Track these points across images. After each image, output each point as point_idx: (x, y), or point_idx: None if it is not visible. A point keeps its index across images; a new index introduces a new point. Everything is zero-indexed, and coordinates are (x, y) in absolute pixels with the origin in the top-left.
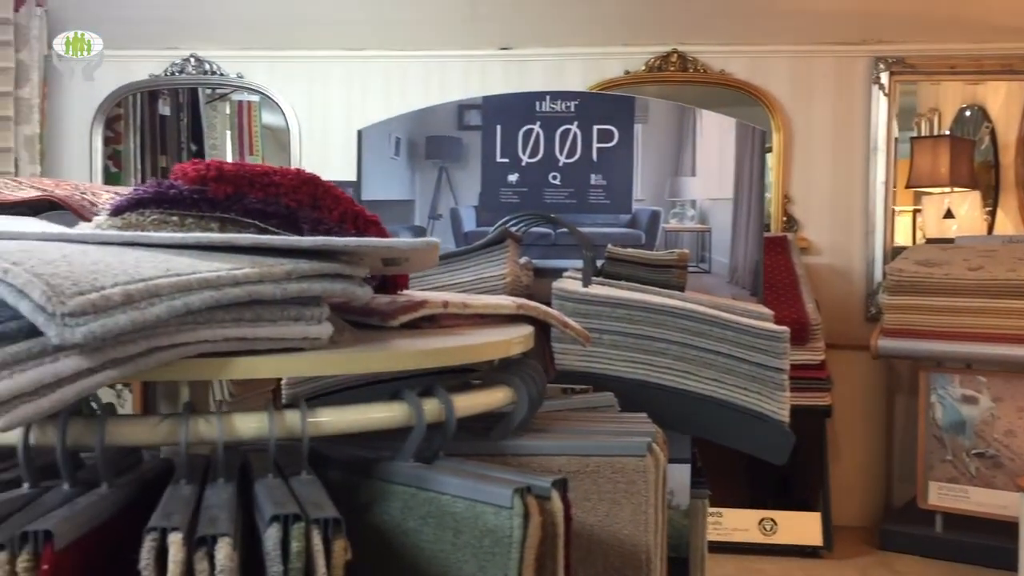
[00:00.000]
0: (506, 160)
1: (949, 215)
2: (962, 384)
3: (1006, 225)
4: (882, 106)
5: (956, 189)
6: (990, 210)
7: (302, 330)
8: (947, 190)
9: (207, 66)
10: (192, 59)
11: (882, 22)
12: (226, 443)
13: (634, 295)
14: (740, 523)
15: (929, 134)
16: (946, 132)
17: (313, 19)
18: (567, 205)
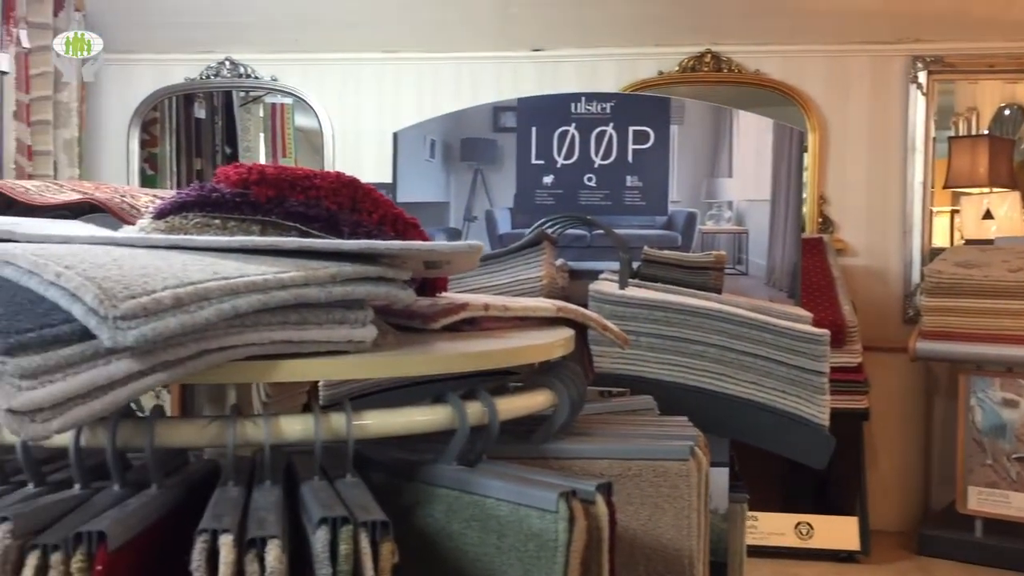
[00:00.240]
0: (541, 162)
1: (988, 216)
2: (1003, 387)
3: None
4: (920, 105)
5: (995, 189)
6: None
7: (347, 333)
8: (986, 190)
9: (242, 69)
10: (227, 62)
11: (919, 21)
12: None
13: (672, 297)
14: (776, 527)
15: (967, 134)
16: (985, 131)
17: (347, 22)
18: (602, 207)
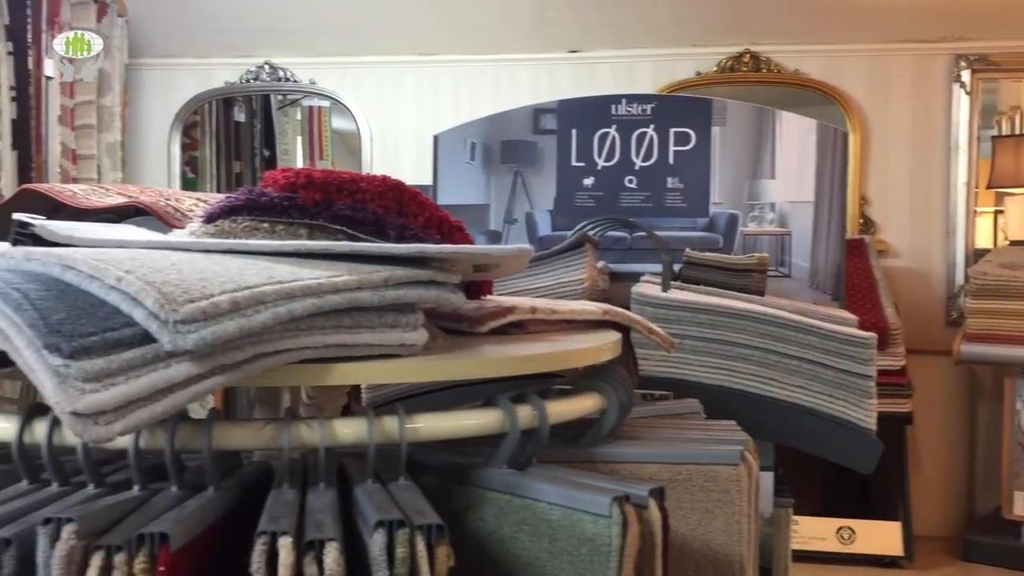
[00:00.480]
0: (582, 164)
1: None
2: None
3: None
4: (963, 105)
5: None
6: None
7: (399, 336)
8: None
9: (281, 73)
10: (266, 66)
11: (962, 19)
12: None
13: (715, 300)
14: (817, 531)
15: (1011, 133)
16: None
17: (384, 25)
18: (643, 209)
